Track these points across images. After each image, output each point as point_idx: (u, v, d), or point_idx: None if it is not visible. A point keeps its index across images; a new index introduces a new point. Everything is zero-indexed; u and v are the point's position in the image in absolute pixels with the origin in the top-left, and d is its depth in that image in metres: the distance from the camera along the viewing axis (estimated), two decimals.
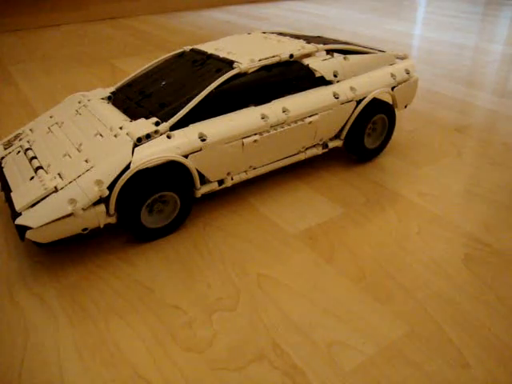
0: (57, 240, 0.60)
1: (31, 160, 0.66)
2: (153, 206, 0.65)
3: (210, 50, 0.80)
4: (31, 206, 0.58)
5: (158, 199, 0.65)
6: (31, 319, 0.54)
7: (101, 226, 0.61)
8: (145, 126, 0.64)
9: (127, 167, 0.60)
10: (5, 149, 0.74)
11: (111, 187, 0.59)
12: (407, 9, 2.56)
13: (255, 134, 0.70)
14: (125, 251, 0.65)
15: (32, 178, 0.62)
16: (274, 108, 0.71)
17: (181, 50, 0.85)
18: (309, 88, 0.77)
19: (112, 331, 0.52)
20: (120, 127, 0.65)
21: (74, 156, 0.63)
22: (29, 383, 0.47)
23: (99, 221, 0.61)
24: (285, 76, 0.75)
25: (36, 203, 0.58)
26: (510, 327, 0.52)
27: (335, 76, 0.79)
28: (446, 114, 1.11)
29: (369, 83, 0.81)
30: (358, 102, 0.80)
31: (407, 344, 0.50)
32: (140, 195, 0.62)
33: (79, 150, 0.64)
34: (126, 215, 0.62)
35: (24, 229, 0.56)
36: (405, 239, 0.66)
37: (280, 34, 0.90)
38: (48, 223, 0.57)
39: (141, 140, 0.62)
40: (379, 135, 0.87)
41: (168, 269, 0.61)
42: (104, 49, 1.78)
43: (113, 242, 0.67)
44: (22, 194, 0.60)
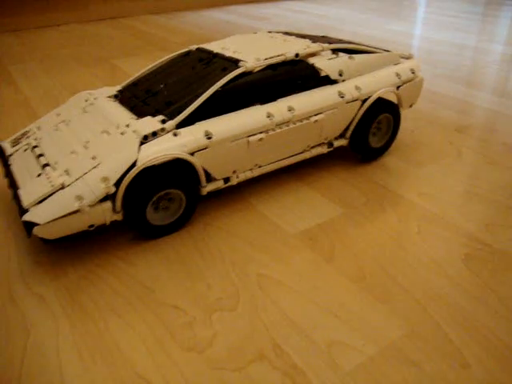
0: (63, 236, 0.60)
1: (38, 157, 0.67)
2: (159, 204, 0.66)
3: (216, 49, 0.80)
4: (38, 203, 0.58)
5: (164, 197, 0.66)
6: (31, 319, 0.54)
7: (107, 223, 0.62)
8: (151, 124, 0.64)
9: (133, 164, 0.60)
10: (12, 146, 0.74)
11: (118, 184, 0.60)
12: (407, 9, 2.56)
13: (261, 133, 0.70)
14: (125, 251, 0.65)
15: (39, 175, 0.63)
16: (280, 106, 0.72)
17: (187, 49, 0.85)
18: (314, 87, 0.77)
19: (112, 331, 0.52)
20: (127, 125, 0.66)
21: (81, 153, 0.64)
22: (29, 383, 0.47)
23: (105, 217, 0.61)
24: (290, 75, 0.75)
25: (43, 200, 0.58)
26: (510, 327, 0.52)
27: (340, 75, 0.79)
28: (446, 114, 1.11)
29: (374, 82, 0.82)
30: (363, 102, 0.80)
31: (407, 344, 0.50)
32: (146, 192, 0.62)
33: (86, 148, 0.64)
34: (132, 212, 0.63)
35: (31, 225, 0.57)
36: (405, 239, 0.66)
37: (286, 34, 0.90)
38: (55, 219, 0.57)
39: (147, 138, 0.63)
40: (384, 134, 0.88)
41: (168, 269, 0.61)
42: (104, 49, 1.78)
43: (113, 242, 0.67)
44: (30, 191, 0.60)
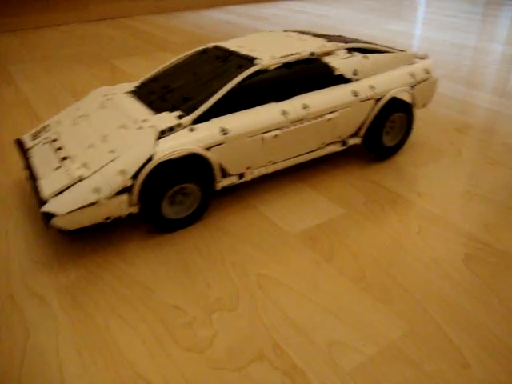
0: (79, 228, 0.62)
1: (57, 150, 0.68)
2: (174, 198, 0.67)
3: (233, 47, 0.81)
4: (57, 195, 0.60)
5: (179, 191, 0.66)
6: (31, 319, 0.54)
7: (123, 216, 0.63)
8: (168, 119, 0.65)
9: (150, 159, 0.61)
10: (32, 140, 0.76)
11: (134, 178, 0.61)
12: (407, 9, 2.56)
13: (276, 130, 0.71)
14: (125, 251, 0.65)
15: (58, 168, 0.64)
16: (295, 104, 0.73)
17: (204, 47, 0.87)
18: (329, 86, 0.78)
19: (112, 331, 0.52)
20: (144, 120, 0.67)
21: (99, 147, 0.65)
22: (28, 383, 0.47)
23: (122, 210, 0.62)
24: (305, 73, 0.76)
25: (61, 192, 0.60)
26: (510, 327, 0.52)
27: (355, 74, 0.80)
28: (446, 114, 1.11)
29: (388, 82, 0.82)
30: (377, 101, 0.81)
31: (407, 344, 0.50)
32: (162, 186, 0.63)
33: (104, 142, 0.66)
34: (148, 205, 0.64)
35: (49, 216, 0.58)
36: (405, 239, 0.66)
37: (301, 33, 0.91)
38: (73, 211, 0.59)
39: (164, 132, 0.64)
40: (397, 133, 0.88)
41: (168, 269, 0.61)
42: (104, 49, 1.78)
43: (113, 242, 0.67)
44: (48, 183, 0.62)
